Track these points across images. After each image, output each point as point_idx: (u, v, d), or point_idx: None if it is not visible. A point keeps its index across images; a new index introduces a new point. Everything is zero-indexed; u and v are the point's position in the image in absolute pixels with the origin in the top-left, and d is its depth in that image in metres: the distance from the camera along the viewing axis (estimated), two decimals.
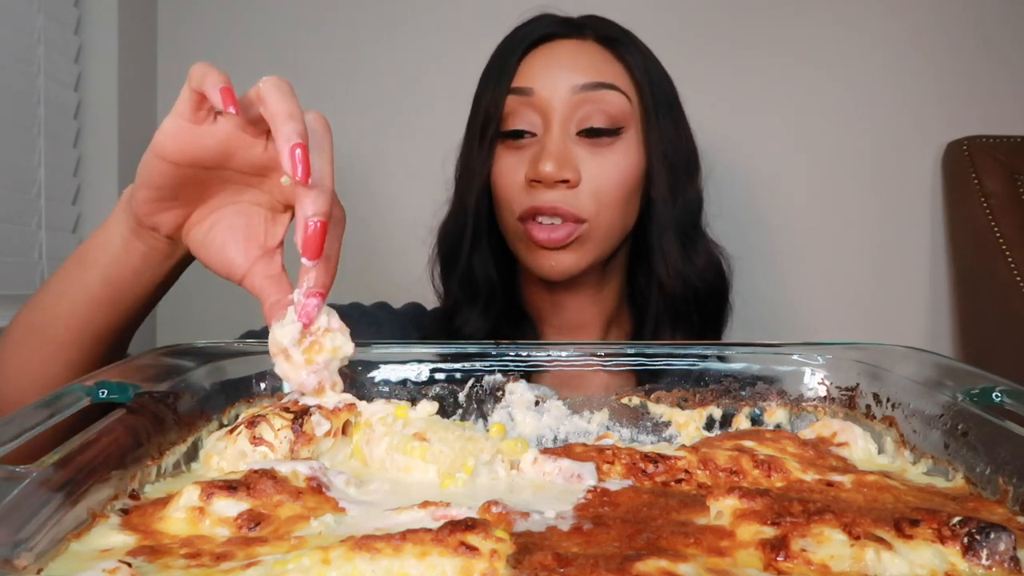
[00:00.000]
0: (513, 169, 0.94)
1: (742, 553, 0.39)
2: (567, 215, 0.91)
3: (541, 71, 0.94)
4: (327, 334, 0.57)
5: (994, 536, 0.37)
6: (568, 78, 0.93)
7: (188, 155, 0.59)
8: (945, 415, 0.54)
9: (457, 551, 0.35)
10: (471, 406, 0.66)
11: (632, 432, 0.65)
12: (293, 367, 0.57)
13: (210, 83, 0.56)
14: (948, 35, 1.52)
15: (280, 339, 0.57)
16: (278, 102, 0.55)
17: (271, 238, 0.64)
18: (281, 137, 0.54)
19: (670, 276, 0.97)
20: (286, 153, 0.53)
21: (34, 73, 1.23)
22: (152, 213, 0.63)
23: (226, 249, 0.63)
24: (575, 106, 0.92)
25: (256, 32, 1.53)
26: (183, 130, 0.59)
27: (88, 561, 0.38)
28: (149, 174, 0.61)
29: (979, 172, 1.43)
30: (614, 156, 0.94)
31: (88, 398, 0.51)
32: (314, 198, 0.55)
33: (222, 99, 0.55)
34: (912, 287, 1.53)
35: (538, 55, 0.96)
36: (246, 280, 0.62)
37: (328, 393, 0.57)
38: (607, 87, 0.93)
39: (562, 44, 0.96)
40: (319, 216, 0.55)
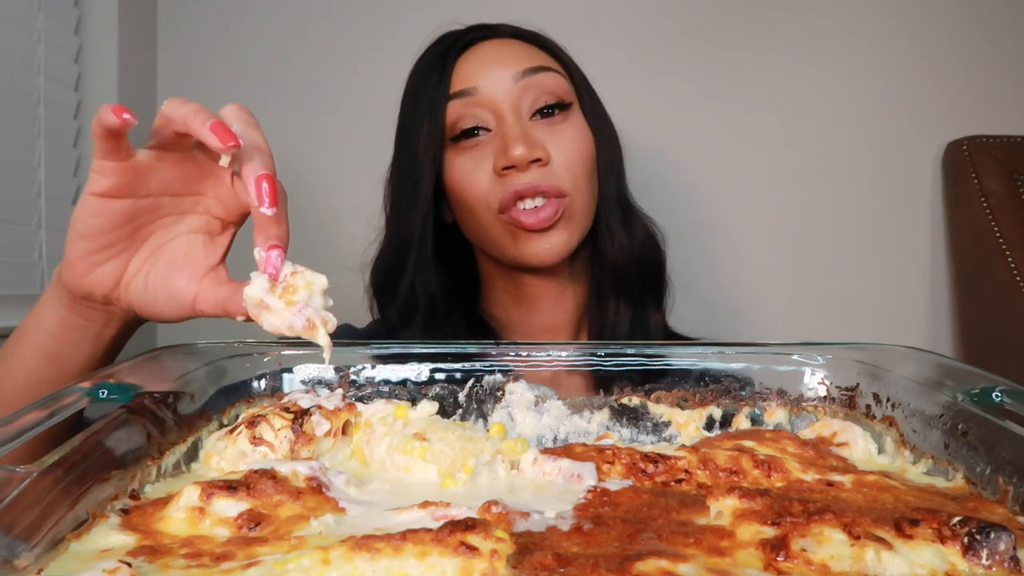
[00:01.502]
0: (475, 167, 0.95)
1: (742, 553, 0.39)
2: (549, 191, 0.92)
3: (478, 70, 0.96)
4: (296, 275, 0.56)
5: (994, 536, 0.37)
6: (505, 70, 0.95)
7: (118, 185, 0.59)
8: (945, 415, 0.54)
9: (457, 551, 0.35)
10: (471, 406, 0.66)
11: (632, 432, 0.65)
12: (277, 315, 0.56)
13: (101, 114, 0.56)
14: (948, 35, 1.52)
15: (253, 295, 0.56)
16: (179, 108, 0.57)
17: (212, 258, 0.63)
18: (196, 126, 0.55)
19: (615, 248, 0.99)
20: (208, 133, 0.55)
21: (34, 73, 1.23)
22: (87, 271, 0.61)
23: (171, 281, 0.62)
24: (521, 92, 0.94)
25: (255, 32, 1.53)
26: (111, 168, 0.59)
27: (88, 561, 0.38)
28: (84, 216, 0.60)
29: (979, 172, 1.43)
30: (570, 130, 0.96)
31: (88, 398, 0.51)
32: (257, 158, 0.57)
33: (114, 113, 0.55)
34: (912, 287, 1.53)
35: (468, 59, 0.97)
36: (199, 299, 0.61)
37: (321, 330, 0.56)
38: (544, 69, 0.96)
39: (486, 45, 0.99)
40: (266, 170, 0.57)
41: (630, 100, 1.43)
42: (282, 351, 0.66)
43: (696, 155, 1.54)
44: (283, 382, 0.65)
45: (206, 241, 0.63)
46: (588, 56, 1.09)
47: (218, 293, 0.61)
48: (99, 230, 0.60)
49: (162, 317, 0.63)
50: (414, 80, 1.01)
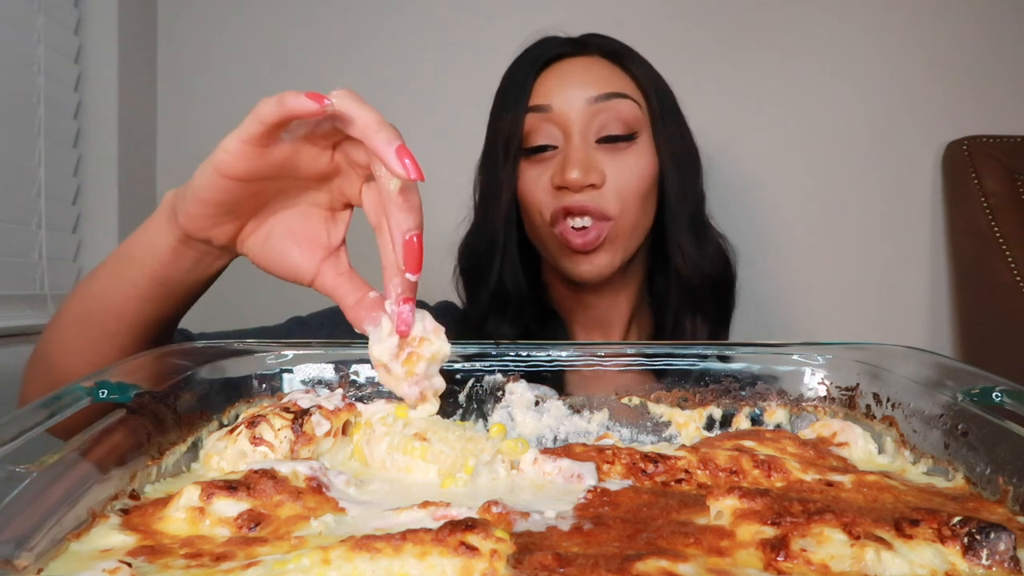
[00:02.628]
0: (537, 179, 1.00)
1: (742, 553, 0.39)
2: (595, 213, 0.97)
3: (556, 88, 0.99)
4: (423, 343, 0.56)
5: (994, 536, 0.37)
6: (582, 92, 0.98)
7: (253, 171, 0.58)
8: (945, 415, 0.54)
9: (457, 551, 0.35)
10: (471, 406, 0.66)
11: (632, 432, 0.65)
12: (395, 379, 0.57)
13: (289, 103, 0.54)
14: (948, 35, 1.52)
15: (379, 356, 0.57)
16: (361, 113, 0.54)
17: (334, 237, 0.63)
18: (380, 143, 0.53)
19: (687, 266, 1.03)
20: (393, 156, 0.52)
21: (34, 73, 1.23)
22: (206, 228, 0.62)
23: (289, 255, 0.62)
24: (591, 116, 0.98)
25: (256, 32, 1.53)
26: (248, 152, 0.57)
27: (88, 561, 0.38)
28: (210, 190, 0.59)
29: (979, 172, 1.43)
30: (632, 158, 0.99)
31: (88, 398, 0.51)
32: (410, 210, 0.55)
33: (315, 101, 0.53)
34: (912, 287, 1.53)
35: (551, 74, 1.01)
36: (316, 282, 0.62)
37: (430, 400, 0.57)
38: (619, 96, 0.99)
39: (571, 62, 1.02)
40: (415, 230, 0.55)
41: None
42: (282, 351, 0.66)
43: None
44: (283, 382, 0.65)
45: (327, 217, 0.63)
46: None
47: (339, 286, 0.60)
48: (221, 202, 0.59)
49: (275, 276, 0.63)
50: (504, 84, 1.06)
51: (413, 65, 1.53)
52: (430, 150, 1.23)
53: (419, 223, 0.55)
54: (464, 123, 1.16)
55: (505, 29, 1.09)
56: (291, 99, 0.54)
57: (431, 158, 1.19)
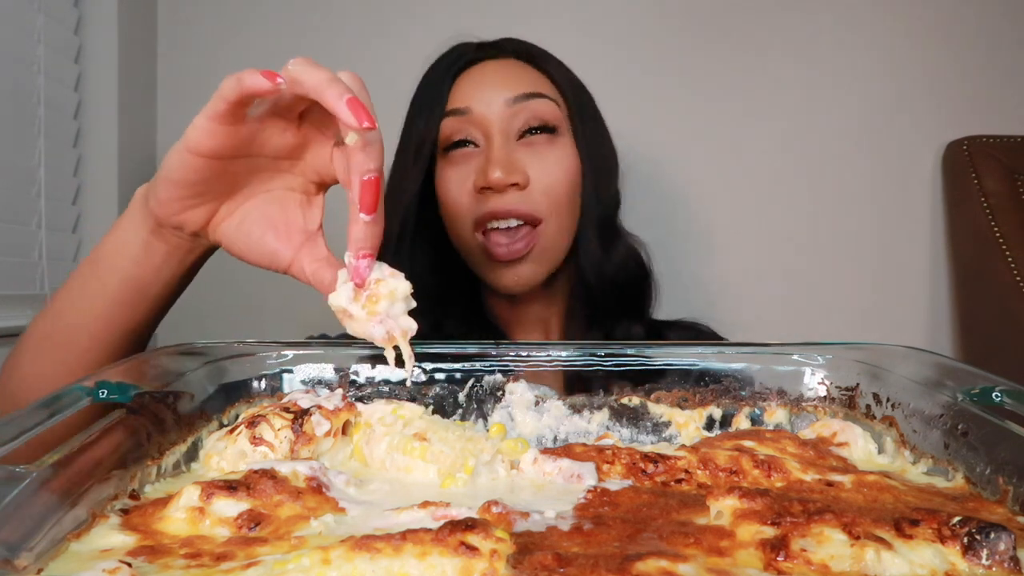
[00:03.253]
0: (460, 180, 0.98)
1: (742, 553, 0.39)
2: (523, 215, 0.95)
3: (474, 91, 0.99)
4: (380, 283, 0.56)
5: (994, 536, 0.37)
6: (500, 93, 0.97)
7: (221, 147, 0.58)
8: (945, 415, 0.54)
9: (457, 551, 0.35)
10: (471, 406, 0.66)
11: (632, 432, 0.65)
12: (358, 323, 0.56)
13: (247, 81, 0.55)
14: (948, 35, 1.52)
15: (336, 302, 0.56)
16: (312, 73, 0.55)
17: (310, 222, 0.63)
18: (331, 97, 0.53)
19: (589, 269, 1.01)
20: (343, 107, 0.52)
21: (34, 73, 1.23)
22: (178, 212, 0.61)
23: (265, 240, 0.61)
24: (511, 116, 0.97)
25: (256, 32, 1.53)
26: (216, 127, 0.58)
27: (88, 561, 0.38)
28: (180, 170, 0.59)
29: (979, 172, 1.43)
30: (555, 155, 0.98)
31: (88, 398, 0.51)
32: (369, 152, 0.55)
33: (266, 78, 0.54)
34: (912, 287, 1.53)
35: (468, 78, 1.00)
36: (293, 267, 0.61)
37: (401, 342, 0.57)
38: (537, 96, 0.98)
39: (487, 65, 1.01)
40: (375, 171, 0.55)
41: (628, 101, 1.44)
42: (282, 351, 0.66)
43: (696, 156, 1.55)
44: (283, 382, 0.65)
45: (303, 201, 0.63)
46: (587, 57, 1.09)
47: (315, 269, 0.60)
48: (193, 181, 0.59)
49: (250, 263, 0.63)
50: (420, 89, 1.04)
51: (415, 65, 1.53)
52: None
53: (379, 166, 0.55)
54: None
55: (509, 30, 1.08)
56: (248, 77, 0.55)
57: None
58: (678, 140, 1.54)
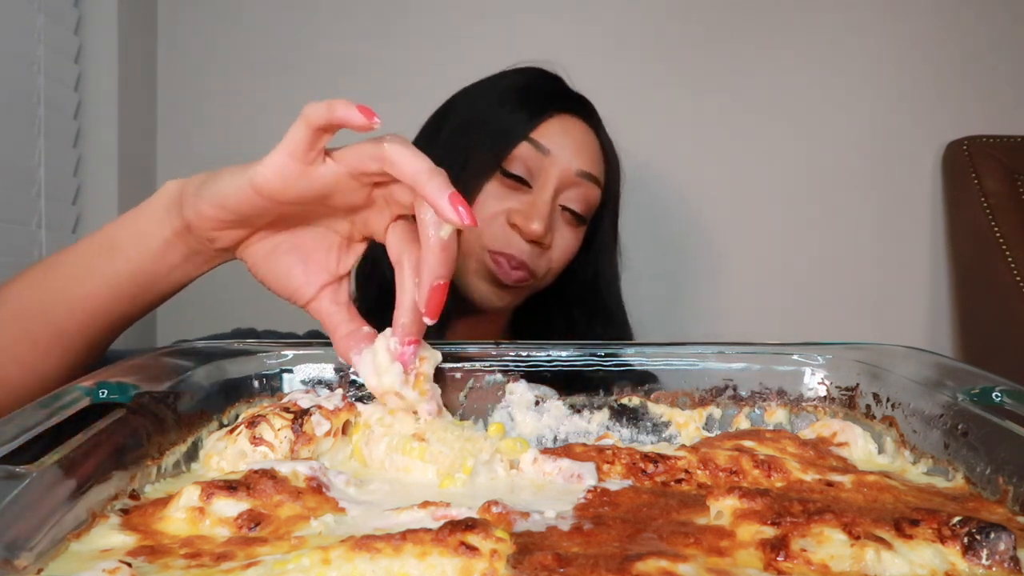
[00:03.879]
0: (498, 202, 0.99)
1: (742, 553, 0.39)
2: (529, 272, 1.00)
3: (560, 139, 1.00)
4: (423, 362, 0.58)
5: (994, 536, 0.37)
6: (577, 158, 1.00)
7: (292, 194, 0.56)
8: (945, 415, 0.54)
9: (457, 551, 0.35)
10: (471, 406, 0.66)
11: (632, 432, 0.65)
12: (409, 404, 0.58)
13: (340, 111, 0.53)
14: (948, 35, 1.52)
15: (390, 385, 0.57)
16: (411, 160, 0.54)
17: (342, 266, 0.62)
18: (433, 191, 0.52)
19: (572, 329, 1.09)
20: (446, 204, 0.52)
21: (34, 73, 1.23)
22: (214, 230, 0.60)
23: (292, 274, 0.60)
24: (569, 184, 1.00)
25: (256, 32, 1.53)
26: (290, 170, 0.55)
27: (88, 561, 0.38)
28: (237, 202, 0.57)
29: (979, 172, 1.43)
30: (574, 236, 1.04)
31: (88, 398, 0.51)
32: (447, 260, 0.55)
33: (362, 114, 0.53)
34: (912, 287, 1.53)
35: (560, 121, 1.01)
36: (311, 306, 0.61)
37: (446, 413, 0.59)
38: (594, 180, 1.02)
39: (577, 122, 1.03)
40: (446, 277, 0.55)
41: (627, 101, 1.44)
42: (282, 351, 0.66)
43: (695, 155, 1.55)
44: (283, 382, 0.65)
45: (341, 244, 0.62)
46: (588, 56, 1.09)
47: (333, 316, 0.60)
48: (247, 215, 0.58)
49: (269, 289, 0.62)
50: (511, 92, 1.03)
51: (414, 66, 1.53)
52: None
53: (451, 273, 0.55)
54: None
55: (509, 29, 1.08)
56: (341, 106, 0.53)
57: None
58: (677, 140, 1.54)
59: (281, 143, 0.55)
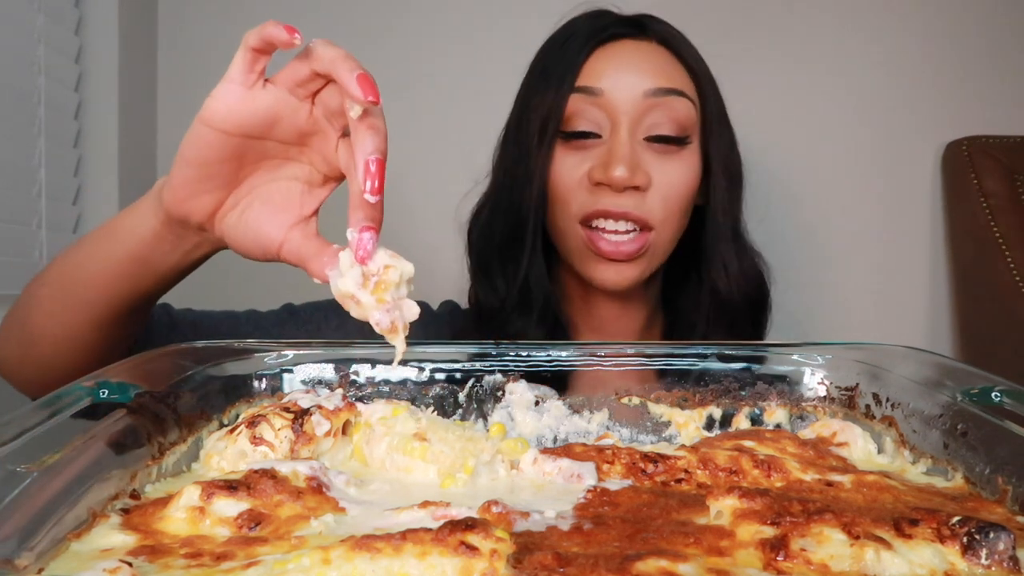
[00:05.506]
0: (573, 169, 0.91)
1: (742, 553, 0.39)
2: (638, 220, 0.89)
3: (611, 72, 0.91)
4: (389, 269, 0.55)
5: (993, 536, 0.37)
6: (639, 81, 0.90)
7: (238, 120, 0.59)
8: (945, 415, 0.54)
9: (457, 551, 0.35)
10: (471, 406, 0.66)
11: (632, 432, 0.65)
12: (365, 309, 0.55)
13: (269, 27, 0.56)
14: (948, 35, 1.52)
15: (344, 287, 0.55)
16: (328, 48, 0.57)
17: (307, 207, 0.63)
18: (343, 71, 0.55)
19: (728, 284, 0.96)
20: (353, 81, 0.54)
21: (34, 73, 1.23)
22: (187, 198, 0.63)
23: (260, 228, 0.63)
24: (645, 111, 0.90)
25: None
26: (234, 94, 0.59)
27: (89, 561, 0.38)
28: (195, 146, 0.61)
29: (979, 172, 1.43)
30: (681, 163, 0.92)
31: (88, 398, 0.51)
32: (373, 134, 0.55)
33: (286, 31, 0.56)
34: (912, 287, 1.53)
35: (605, 54, 0.92)
36: (283, 248, 0.62)
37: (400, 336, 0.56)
38: (677, 93, 0.91)
39: (628, 44, 0.93)
40: (378, 153, 0.55)
41: None
42: (282, 351, 0.66)
43: None
44: (283, 382, 0.65)
45: (304, 191, 0.64)
46: None
47: (303, 247, 0.61)
48: (206, 160, 0.61)
49: (248, 255, 0.64)
50: (545, 56, 0.96)
51: (416, 63, 1.53)
52: (441, 136, 1.23)
53: (381, 147, 0.56)
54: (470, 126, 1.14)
55: (510, 30, 1.07)
56: (270, 26, 0.56)
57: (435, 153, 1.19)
58: None
59: (224, 76, 0.60)
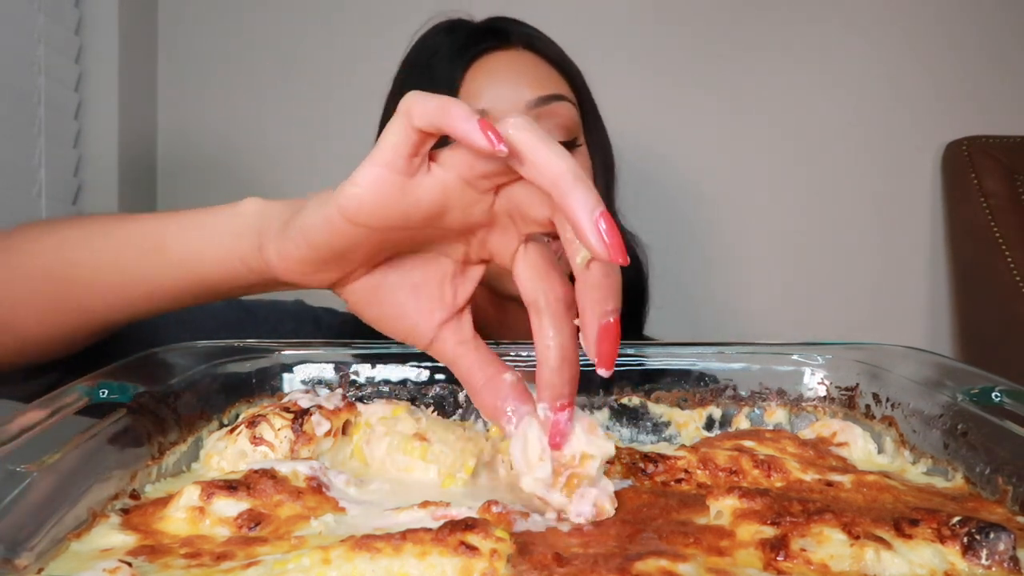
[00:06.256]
0: None
1: (742, 553, 0.39)
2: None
3: (489, 89, 0.86)
4: (585, 461, 0.44)
5: (993, 536, 0.37)
6: (518, 94, 0.86)
7: (391, 218, 0.43)
8: (945, 415, 0.54)
9: (457, 551, 0.35)
10: (471, 406, 0.66)
11: (632, 432, 0.65)
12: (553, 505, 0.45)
13: (459, 117, 0.39)
14: (948, 35, 1.52)
15: (531, 489, 0.45)
16: (549, 155, 0.40)
17: (460, 297, 0.49)
18: (578, 205, 0.39)
19: None
20: (592, 226, 0.38)
21: (34, 73, 1.23)
22: (303, 276, 0.48)
23: (402, 315, 0.49)
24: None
25: (256, 32, 1.53)
26: (389, 185, 0.42)
27: (88, 561, 0.38)
28: (324, 235, 0.45)
29: (979, 172, 1.43)
30: None
31: (88, 398, 0.51)
32: (609, 289, 0.42)
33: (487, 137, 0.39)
34: (912, 287, 1.53)
35: (478, 72, 0.87)
36: (434, 348, 0.50)
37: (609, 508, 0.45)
38: (557, 99, 0.88)
39: (498, 57, 0.89)
40: (614, 312, 0.42)
41: (627, 101, 1.44)
42: (282, 351, 0.66)
43: (695, 156, 1.55)
44: (283, 382, 0.65)
45: (456, 272, 0.49)
46: (585, 55, 1.08)
47: (459, 357, 0.49)
48: (338, 250, 0.46)
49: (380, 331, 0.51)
50: (415, 74, 0.91)
51: None
52: None
53: (619, 306, 0.42)
54: None
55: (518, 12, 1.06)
56: (458, 113, 0.39)
57: None
58: (676, 140, 1.54)
59: (374, 150, 0.42)
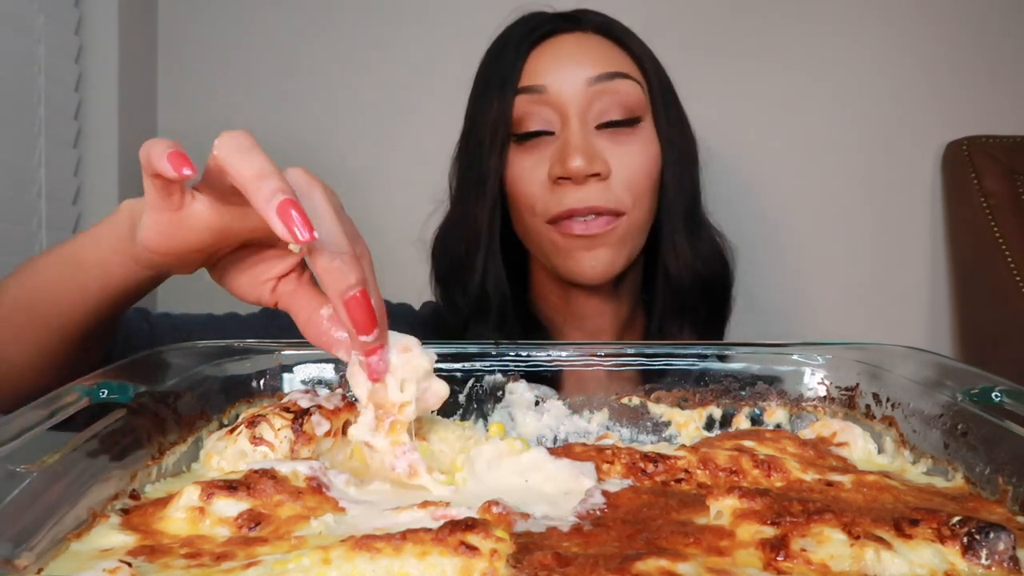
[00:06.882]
0: (532, 170, 0.91)
1: (742, 553, 0.39)
2: (605, 211, 0.89)
3: (551, 67, 0.91)
4: (404, 408, 0.49)
5: (993, 536, 0.37)
6: (580, 71, 0.90)
7: (187, 241, 0.52)
8: (945, 415, 0.54)
9: (457, 551, 0.35)
10: (471, 406, 0.66)
11: (632, 432, 0.65)
12: (379, 453, 0.50)
13: (156, 156, 0.47)
14: (948, 35, 1.52)
15: (358, 436, 0.50)
16: (240, 164, 0.46)
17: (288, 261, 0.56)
18: (260, 201, 0.44)
19: (679, 265, 0.95)
20: (273, 217, 0.44)
21: (34, 73, 1.23)
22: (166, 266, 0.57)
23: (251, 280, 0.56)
24: (591, 99, 0.90)
25: (256, 33, 1.53)
26: (164, 223, 0.51)
27: (88, 561, 0.38)
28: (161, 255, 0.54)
29: (979, 172, 1.43)
30: (637, 145, 0.92)
31: (88, 398, 0.51)
32: (338, 269, 0.46)
33: (172, 164, 0.46)
34: (912, 287, 1.53)
35: (543, 52, 0.93)
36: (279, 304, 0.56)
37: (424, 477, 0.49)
38: (621, 76, 0.91)
39: (565, 38, 0.94)
40: (356, 285, 0.46)
41: None
42: (282, 351, 0.66)
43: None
44: (283, 382, 0.65)
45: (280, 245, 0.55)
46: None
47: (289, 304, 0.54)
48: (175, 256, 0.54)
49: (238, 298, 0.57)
50: (488, 64, 0.97)
51: (416, 68, 1.53)
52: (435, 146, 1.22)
53: (360, 278, 0.46)
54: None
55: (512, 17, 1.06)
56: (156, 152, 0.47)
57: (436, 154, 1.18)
58: None
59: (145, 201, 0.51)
